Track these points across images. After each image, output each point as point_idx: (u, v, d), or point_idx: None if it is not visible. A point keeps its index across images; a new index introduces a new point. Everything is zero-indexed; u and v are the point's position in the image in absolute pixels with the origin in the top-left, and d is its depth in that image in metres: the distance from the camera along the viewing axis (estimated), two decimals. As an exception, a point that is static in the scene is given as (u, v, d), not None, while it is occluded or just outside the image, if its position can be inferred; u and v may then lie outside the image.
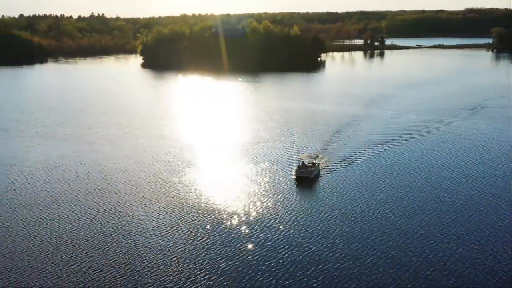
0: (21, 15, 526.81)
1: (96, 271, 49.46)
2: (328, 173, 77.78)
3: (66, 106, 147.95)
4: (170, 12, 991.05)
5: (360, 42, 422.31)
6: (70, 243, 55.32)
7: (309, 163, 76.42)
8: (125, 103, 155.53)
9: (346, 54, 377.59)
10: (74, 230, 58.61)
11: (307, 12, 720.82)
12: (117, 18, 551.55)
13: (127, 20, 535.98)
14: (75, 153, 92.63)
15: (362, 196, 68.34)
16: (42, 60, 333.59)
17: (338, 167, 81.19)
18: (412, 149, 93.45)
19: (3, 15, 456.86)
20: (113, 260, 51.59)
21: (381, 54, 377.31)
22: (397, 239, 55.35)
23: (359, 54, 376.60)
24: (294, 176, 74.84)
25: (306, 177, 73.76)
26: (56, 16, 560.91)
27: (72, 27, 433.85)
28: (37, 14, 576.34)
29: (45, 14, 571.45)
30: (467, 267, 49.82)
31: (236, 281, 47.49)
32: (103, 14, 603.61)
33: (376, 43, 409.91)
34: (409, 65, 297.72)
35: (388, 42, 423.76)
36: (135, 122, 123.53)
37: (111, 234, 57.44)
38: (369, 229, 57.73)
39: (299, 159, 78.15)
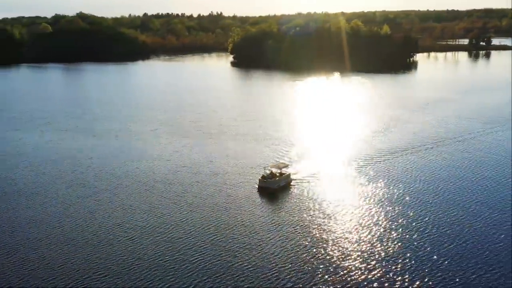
0: (146, 14, 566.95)
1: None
2: (300, 184, 73.45)
3: (177, 104, 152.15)
4: (286, 11, 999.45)
5: (465, 42, 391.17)
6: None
7: (274, 173, 72.39)
8: (217, 102, 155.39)
9: (449, 54, 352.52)
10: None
11: (427, 10, 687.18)
12: (226, 17, 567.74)
13: (236, 19, 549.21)
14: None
15: (327, 210, 63.47)
16: (144, 57, 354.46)
17: (319, 177, 76.51)
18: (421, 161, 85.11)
19: (129, 14, 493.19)
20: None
21: (487, 55, 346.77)
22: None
23: (462, 55, 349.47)
24: (257, 186, 71.44)
25: (268, 188, 70.00)
26: (170, 14, 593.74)
27: (182, 26, 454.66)
28: (159, 13, 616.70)
29: (167, 13, 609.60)
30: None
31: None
32: (221, 13, 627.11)
33: (482, 43, 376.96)
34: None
35: (495, 42, 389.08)
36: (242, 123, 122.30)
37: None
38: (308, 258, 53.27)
39: (265, 168, 74.21)
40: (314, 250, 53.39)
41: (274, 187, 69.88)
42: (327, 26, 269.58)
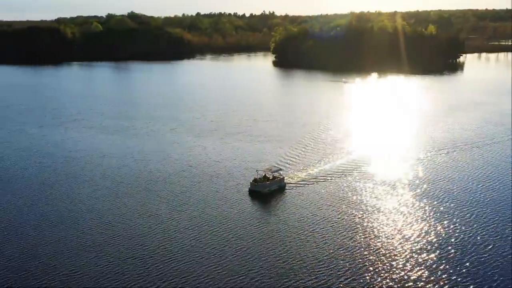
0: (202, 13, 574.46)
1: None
2: (295, 188, 72.01)
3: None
4: (339, 10, 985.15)
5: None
6: None
7: (267, 177, 71.22)
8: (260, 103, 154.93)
9: (501, 55, 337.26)
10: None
11: (485, 9, 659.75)
12: (278, 16, 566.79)
13: (287, 18, 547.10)
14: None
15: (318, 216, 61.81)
16: (190, 56, 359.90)
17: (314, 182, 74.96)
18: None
19: (182, 14, 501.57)
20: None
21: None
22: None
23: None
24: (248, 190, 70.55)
25: (258, 191, 69.04)
26: (223, 14, 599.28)
27: (230, 25, 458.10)
28: (212, 13, 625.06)
29: (220, 13, 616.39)
30: None
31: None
32: (273, 12, 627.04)
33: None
34: None
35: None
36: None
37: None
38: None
39: (257, 171, 73.03)
40: (293, 255, 52.05)
41: (264, 191, 68.79)
42: (369, 25, 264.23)
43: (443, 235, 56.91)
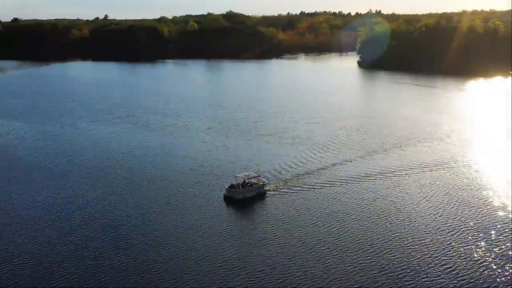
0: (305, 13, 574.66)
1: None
2: (274, 196, 69.82)
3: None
4: (449, 9, 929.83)
5: None
6: None
7: (247, 183, 69.64)
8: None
9: None
10: None
11: None
12: (380, 14, 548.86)
13: (388, 17, 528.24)
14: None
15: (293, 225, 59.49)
16: (278, 55, 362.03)
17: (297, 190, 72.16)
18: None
19: (287, 13, 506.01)
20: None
21: None
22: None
23: None
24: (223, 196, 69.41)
25: (231, 197, 67.86)
26: (327, 12, 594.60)
27: (326, 24, 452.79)
28: (316, 12, 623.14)
29: (324, 11, 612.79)
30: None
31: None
32: (379, 11, 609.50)
33: None
34: None
35: None
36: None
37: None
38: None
39: (236, 177, 71.45)
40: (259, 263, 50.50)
41: (238, 197, 67.43)
42: (458, 25, 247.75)
43: (429, 243, 52.44)
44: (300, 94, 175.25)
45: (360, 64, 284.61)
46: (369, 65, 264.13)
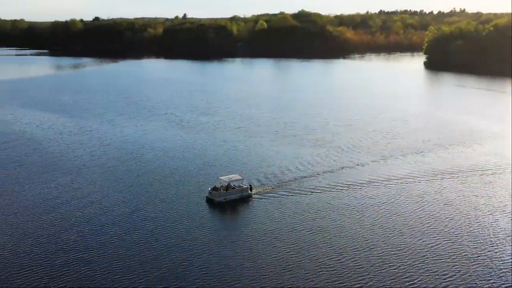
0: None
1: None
2: (261, 200, 69.68)
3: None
4: None
5: None
6: None
7: (231, 185, 69.82)
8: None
9: None
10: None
11: None
12: (459, 13, 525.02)
13: (468, 16, 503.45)
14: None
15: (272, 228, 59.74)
16: (346, 54, 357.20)
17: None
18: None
19: (366, 11, 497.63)
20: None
21: None
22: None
23: None
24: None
25: (212, 200, 68.32)
26: (407, 11, 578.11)
27: (400, 23, 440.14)
28: (397, 10, 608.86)
29: (404, 10, 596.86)
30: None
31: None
32: (464, 10, 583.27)
33: None
34: None
35: None
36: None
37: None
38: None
39: (220, 179, 71.52)
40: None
41: (219, 199, 67.98)
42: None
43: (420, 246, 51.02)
44: (347, 95, 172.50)
45: (426, 65, 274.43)
46: (435, 66, 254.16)
